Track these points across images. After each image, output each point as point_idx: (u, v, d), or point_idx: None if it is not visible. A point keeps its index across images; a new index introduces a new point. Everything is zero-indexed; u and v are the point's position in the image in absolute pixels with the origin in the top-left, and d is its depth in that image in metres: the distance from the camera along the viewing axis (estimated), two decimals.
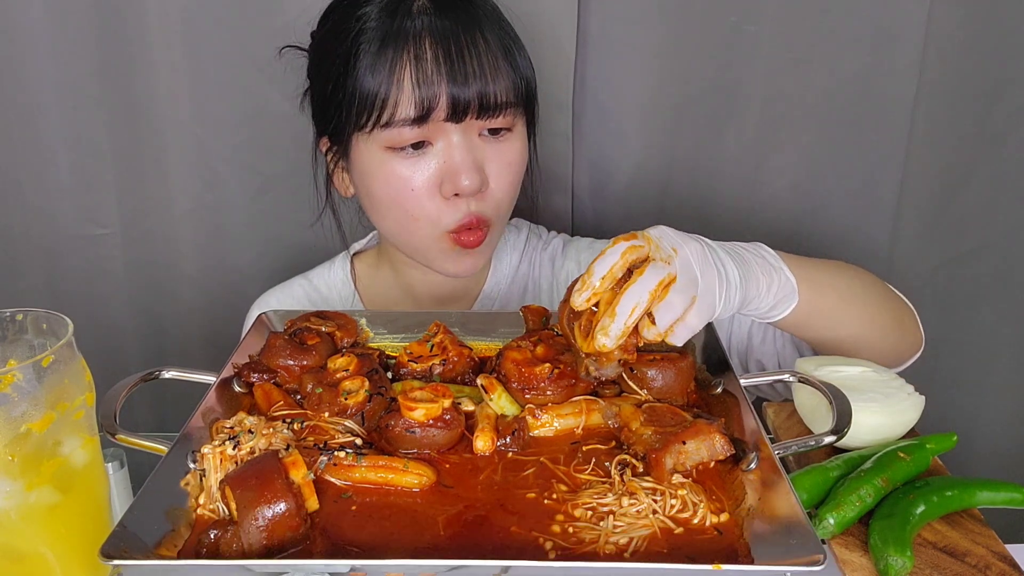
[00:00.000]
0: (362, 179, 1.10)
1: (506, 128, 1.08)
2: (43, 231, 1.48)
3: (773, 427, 0.98)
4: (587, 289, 0.80)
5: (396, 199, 1.07)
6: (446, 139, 1.05)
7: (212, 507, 0.71)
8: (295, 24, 1.17)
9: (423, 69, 1.01)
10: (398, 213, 1.09)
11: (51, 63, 1.37)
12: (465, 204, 1.07)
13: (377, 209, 1.12)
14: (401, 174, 1.06)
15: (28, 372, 0.71)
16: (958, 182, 1.47)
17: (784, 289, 0.93)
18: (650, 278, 0.79)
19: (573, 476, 0.75)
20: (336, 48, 1.06)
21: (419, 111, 1.02)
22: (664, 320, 0.79)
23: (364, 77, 1.03)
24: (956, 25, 1.36)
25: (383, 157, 1.06)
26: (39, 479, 0.71)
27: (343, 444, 0.78)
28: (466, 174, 1.04)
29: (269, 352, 0.90)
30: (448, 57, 1.02)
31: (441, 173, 1.05)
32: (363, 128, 1.05)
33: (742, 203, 1.48)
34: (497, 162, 1.08)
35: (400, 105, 1.02)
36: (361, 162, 1.08)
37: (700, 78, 1.40)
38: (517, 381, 0.84)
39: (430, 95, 1.01)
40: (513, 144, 1.10)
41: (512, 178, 1.11)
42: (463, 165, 1.04)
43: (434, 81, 1.01)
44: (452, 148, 1.05)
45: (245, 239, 1.51)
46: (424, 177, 1.05)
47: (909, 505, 0.80)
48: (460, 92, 1.02)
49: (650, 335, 0.80)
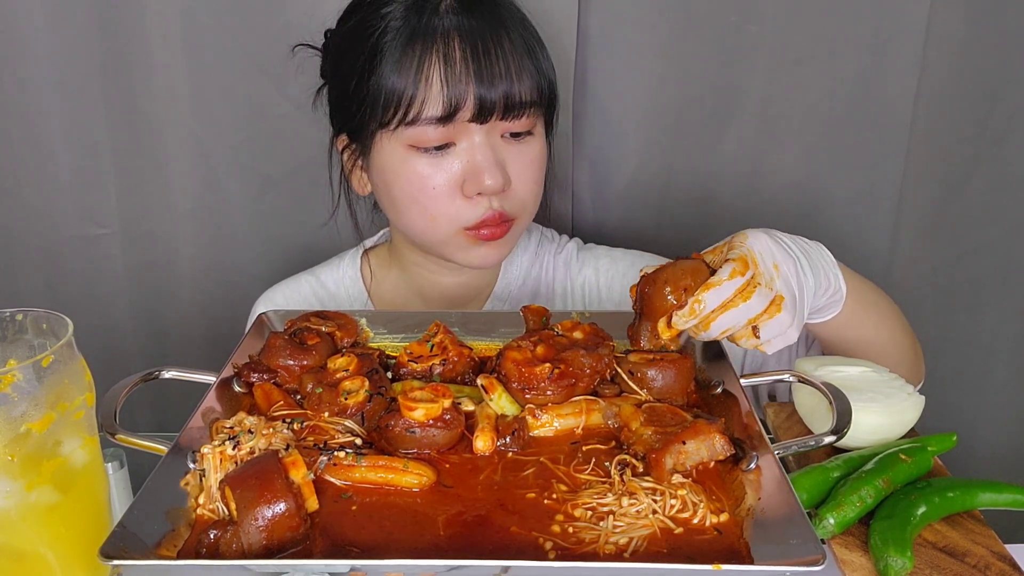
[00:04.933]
0: (382, 176, 1.11)
1: (527, 132, 1.09)
2: (43, 231, 1.48)
3: (773, 427, 0.98)
4: (693, 317, 0.83)
5: (417, 198, 1.08)
6: (469, 140, 1.05)
7: (212, 507, 0.71)
8: (296, 24, 1.17)
9: (451, 68, 1.02)
10: (417, 211, 1.10)
11: (51, 63, 1.37)
12: (487, 202, 1.08)
13: (396, 206, 1.12)
14: (423, 173, 1.06)
15: (28, 372, 0.71)
16: (958, 182, 1.47)
17: (834, 296, 0.97)
18: (755, 305, 0.83)
19: (573, 476, 0.75)
20: (360, 45, 1.06)
21: (445, 110, 1.02)
22: (769, 334, 0.85)
23: (390, 74, 1.03)
24: (956, 25, 1.36)
25: (405, 155, 1.06)
26: (39, 479, 0.71)
27: (343, 444, 0.78)
28: (488, 174, 1.05)
29: (269, 352, 0.90)
30: (476, 57, 1.02)
31: (464, 173, 1.06)
32: (387, 126, 1.05)
33: (742, 203, 1.48)
34: (518, 163, 1.09)
35: (427, 103, 1.03)
36: (382, 160, 1.09)
37: (700, 78, 1.40)
38: (517, 381, 0.84)
39: (457, 94, 1.02)
40: (532, 147, 1.11)
41: (535, 175, 1.12)
42: (486, 164, 1.05)
43: (461, 80, 1.02)
44: (475, 148, 1.05)
45: (245, 239, 1.51)
46: (446, 177, 1.06)
47: (910, 506, 0.80)
48: (487, 92, 1.03)
49: (747, 345, 0.85)
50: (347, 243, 1.35)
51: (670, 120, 1.43)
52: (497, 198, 1.08)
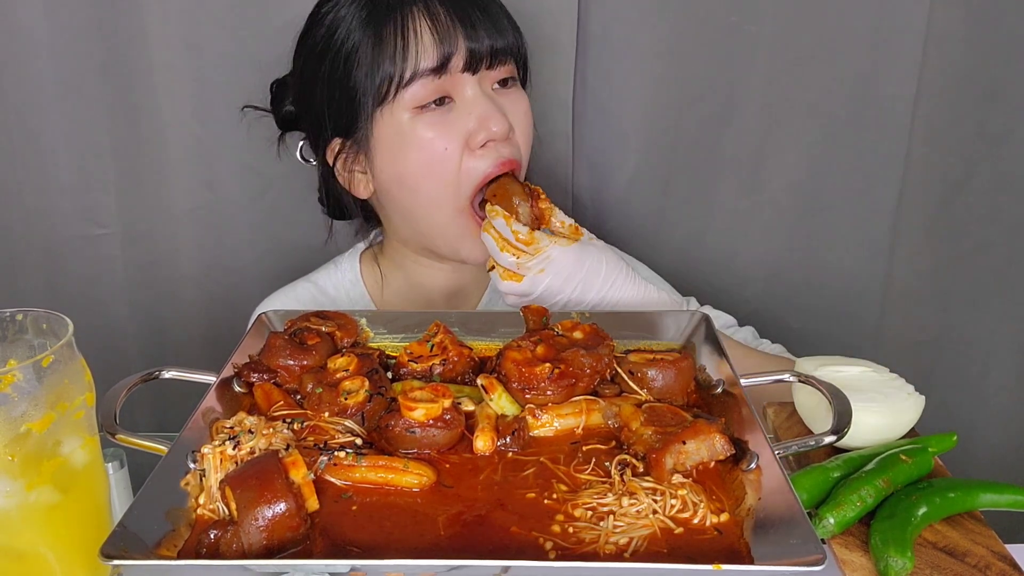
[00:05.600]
0: (390, 155, 1.12)
1: (512, 78, 1.14)
2: (43, 231, 1.47)
3: (773, 427, 0.98)
4: None
5: (430, 164, 1.10)
6: (464, 93, 1.09)
7: (212, 507, 0.71)
8: (296, 24, 1.17)
9: (437, 20, 1.07)
10: (432, 181, 1.11)
11: (51, 63, 1.37)
12: (495, 150, 1.11)
13: (408, 185, 1.13)
14: (430, 136, 1.09)
15: (28, 372, 0.71)
16: (958, 182, 1.47)
17: None
18: None
19: (573, 476, 0.75)
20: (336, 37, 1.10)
21: (439, 60, 1.06)
22: None
23: (381, 44, 1.07)
24: (956, 25, 1.36)
25: (411, 124, 1.09)
26: (39, 479, 0.71)
27: (343, 444, 0.78)
28: (494, 120, 1.09)
29: (269, 352, 0.90)
30: (458, 8, 1.08)
31: (469, 126, 1.09)
32: (385, 97, 1.08)
33: (742, 203, 1.48)
34: (514, 110, 1.13)
35: (421, 57, 1.06)
36: (388, 136, 1.11)
37: (700, 78, 1.40)
38: (517, 381, 0.84)
39: (447, 43, 1.06)
40: (522, 95, 1.16)
41: (529, 124, 1.17)
42: (489, 111, 1.09)
43: (449, 31, 1.07)
44: (475, 100, 1.09)
45: (245, 239, 1.50)
46: (453, 135, 1.09)
47: (911, 506, 0.79)
48: (474, 41, 1.08)
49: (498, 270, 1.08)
50: (344, 245, 1.35)
51: (670, 120, 1.43)
52: (503, 145, 1.11)
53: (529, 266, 1.03)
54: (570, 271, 1.03)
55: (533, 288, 1.03)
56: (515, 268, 1.04)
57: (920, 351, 1.57)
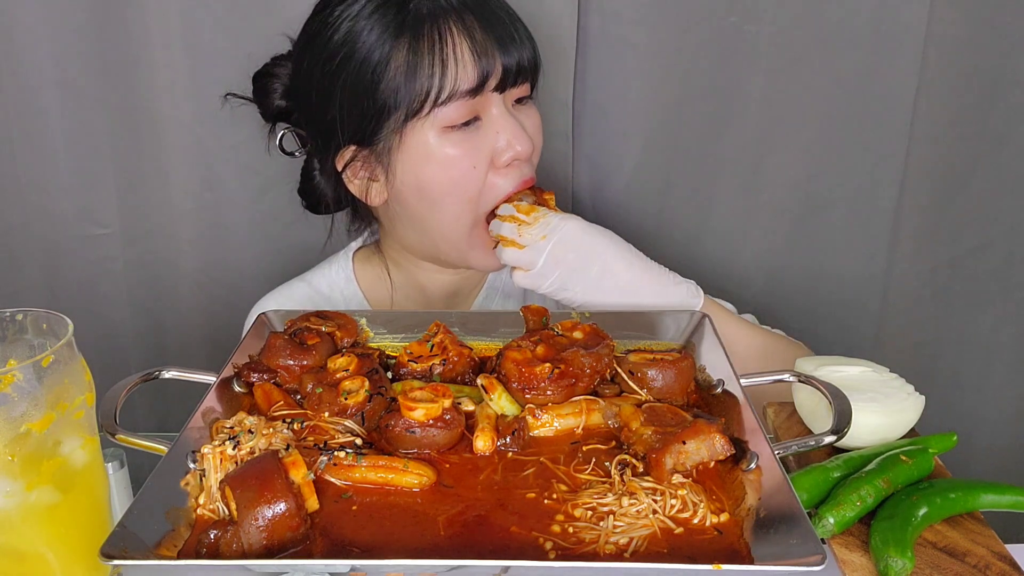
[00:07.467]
0: (414, 169, 1.09)
1: (527, 96, 1.13)
2: (43, 230, 1.47)
3: (773, 427, 0.98)
4: None
5: (455, 181, 1.09)
6: (490, 112, 1.08)
7: (212, 507, 0.71)
8: (296, 24, 1.17)
9: (475, 39, 1.04)
10: (454, 199, 1.10)
11: (51, 63, 1.37)
12: (519, 169, 1.10)
13: (428, 199, 1.10)
14: (458, 154, 1.07)
15: (28, 372, 0.71)
16: (958, 182, 1.47)
17: None
18: None
19: (573, 476, 0.75)
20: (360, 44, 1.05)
21: (477, 82, 1.04)
22: None
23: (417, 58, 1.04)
24: (956, 25, 1.36)
25: (439, 141, 1.07)
26: (39, 479, 0.71)
27: (343, 444, 0.78)
28: (519, 140, 1.08)
29: (269, 352, 0.90)
30: (491, 26, 1.06)
31: (496, 145, 1.08)
32: (418, 112, 1.05)
33: (742, 203, 1.48)
34: (531, 126, 1.12)
35: (460, 78, 1.04)
36: (415, 151, 1.08)
37: (700, 78, 1.40)
38: (517, 381, 0.84)
39: (486, 63, 1.04)
40: (535, 112, 1.15)
41: (540, 142, 1.16)
42: (516, 132, 1.08)
43: (487, 51, 1.05)
44: (501, 119, 1.08)
45: (245, 239, 1.50)
46: (480, 154, 1.08)
47: (911, 507, 0.79)
48: (508, 59, 1.06)
49: None
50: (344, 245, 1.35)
51: (670, 120, 1.43)
52: (526, 164, 1.11)
53: (531, 232, 1.04)
54: (571, 237, 1.03)
55: (536, 257, 1.03)
56: (517, 237, 1.04)
57: (920, 351, 1.57)
